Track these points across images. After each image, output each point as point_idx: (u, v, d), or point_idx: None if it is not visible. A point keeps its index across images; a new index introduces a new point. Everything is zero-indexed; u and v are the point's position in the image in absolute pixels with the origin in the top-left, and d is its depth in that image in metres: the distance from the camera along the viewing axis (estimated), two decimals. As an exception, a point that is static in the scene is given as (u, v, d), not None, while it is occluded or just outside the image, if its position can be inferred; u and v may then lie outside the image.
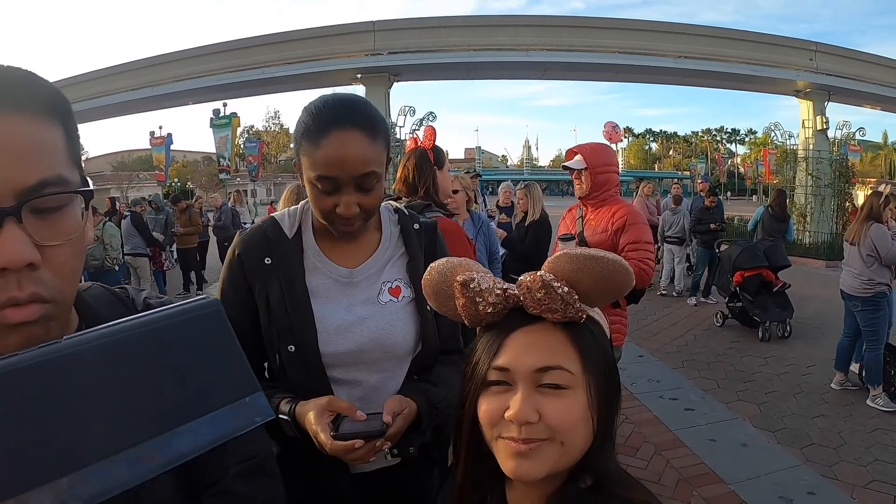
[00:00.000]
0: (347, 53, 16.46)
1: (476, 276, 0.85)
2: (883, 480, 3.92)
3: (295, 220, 1.50)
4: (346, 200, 1.32)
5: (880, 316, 5.15)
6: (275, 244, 1.45)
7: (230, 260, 1.49)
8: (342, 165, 1.29)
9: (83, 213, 0.71)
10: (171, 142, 22.05)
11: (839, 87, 16.91)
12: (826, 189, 16.08)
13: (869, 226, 5.11)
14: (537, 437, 0.78)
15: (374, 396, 1.45)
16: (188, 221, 11.10)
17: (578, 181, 3.54)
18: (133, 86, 17.81)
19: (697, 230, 9.51)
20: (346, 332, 1.41)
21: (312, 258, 1.46)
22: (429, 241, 1.57)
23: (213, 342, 0.63)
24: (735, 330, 7.75)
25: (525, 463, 0.79)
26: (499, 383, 0.82)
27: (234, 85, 17.39)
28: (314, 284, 1.44)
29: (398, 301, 1.47)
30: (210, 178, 40.99)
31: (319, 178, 1.31)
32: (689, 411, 5.09)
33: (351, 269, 1.46)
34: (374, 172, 1.33)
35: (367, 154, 1.31)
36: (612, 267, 0.80)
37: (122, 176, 47.95)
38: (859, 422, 4.84)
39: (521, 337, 0.82)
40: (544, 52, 16.42)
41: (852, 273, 5.26)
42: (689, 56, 16.60)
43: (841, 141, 17.45)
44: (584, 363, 0.81)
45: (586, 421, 0.80)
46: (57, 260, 0.67)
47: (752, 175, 49.77)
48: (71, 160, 0.71)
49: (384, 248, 1.51)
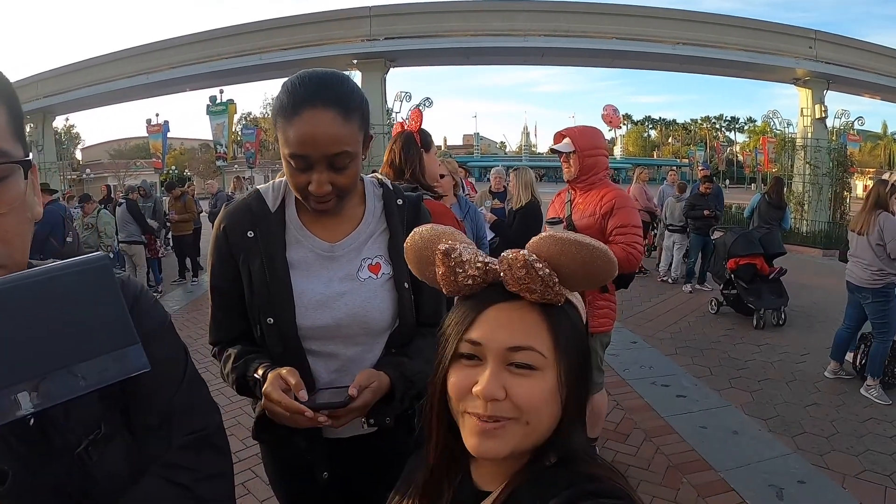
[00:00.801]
0: (344, 39, 16.37)
1: (459, 247, 0.84)
2: (874, 471, 3.90)
3: (279, 194, 1.51)
4: (318, 178, 1.34)
5: (891, 307, 5.01)
6: (258, 217, 1.47)
7: (216, 233, 1.52)
8: (313, 144, 1.30)
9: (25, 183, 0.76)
10: (167, 129, 22.00)
11: (838, 75, 16.83)
12: (824, 178, 16.07)
13: (878, 214, 4.95)
14: (503, 415, 0.78)
15: (351, 368, 1.47)
16: (183, 208, 11.03)
17: (567, 164, 3.52)
18: (129, 73, 17.82)
19: (691, 216, 9.46)
20: (324, 307, 1.44)
21: (294, 231, 1.48)
22: (412, 216, 1.57)
23: (97, 295, 0.66)
24: (729, 317, 7.74)
25: (488, 442, 0.79)
26: (470, 357, 0.82)
27: (231, 71, 17.33)
28: (295, 258, 1.46)
29: (377, 278, 1.49)
30: (207, 165, 40.95)
31: (292, 156, 1.33)
32: (681, 398, 5.07)
33: (332, 244, 1.48)
34: (346, 152, 1.34)
35: (340, 134, 1.32)
36: (596, 255, 0.79)
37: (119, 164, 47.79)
38: (852, 411, 4.82)
39: (497, 313, 0.82)
40: (542, 38, 16.36)
41: (861, 264, 5.08)
42: (688, 43, 16.53)
43: (840, 130, 17.42)
44: (557, 346, 0.80)
45: (553, 402, 0.80)
46: (1, 228, 0.71)
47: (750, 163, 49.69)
48: (14, 136, 0.75)
49: (366, 224, 1.52)
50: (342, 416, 1.33)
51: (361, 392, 1.32)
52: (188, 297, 9.77)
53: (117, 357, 0.65)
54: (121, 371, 0.65)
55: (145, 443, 0.88)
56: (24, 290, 0.61)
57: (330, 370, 1.48)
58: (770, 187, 9.54)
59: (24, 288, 0.61)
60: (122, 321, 0.67)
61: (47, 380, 0.59)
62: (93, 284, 0.66)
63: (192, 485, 0.88)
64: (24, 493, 0.69)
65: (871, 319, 5.16)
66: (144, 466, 0.87)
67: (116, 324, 0.67)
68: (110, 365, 0.64)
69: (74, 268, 0.65)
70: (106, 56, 18.51)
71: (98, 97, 18.89)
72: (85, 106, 20.67)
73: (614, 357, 5.82)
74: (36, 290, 0.62)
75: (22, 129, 0.78)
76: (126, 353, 0.66)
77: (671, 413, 4.75)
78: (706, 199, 9.44)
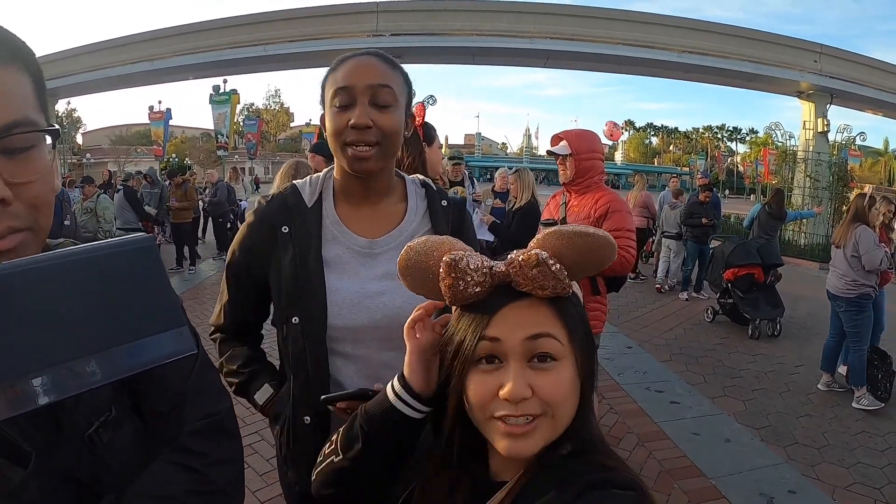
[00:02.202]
0: (350, 34, 16.35)
1: (464, 255, 0.85)
2: (864, 483, 3.92)
3: (316, 188, 1.47)
4: (360, 111, 1.31)
5: (864, 317, 5.17)
6: (293, 212, 1.43)
7: (248, 224, 1.48)
8: (359, 74, 1.33)
9: (52, 153, 0.77)
10: (169, 117, 22.04)
11: (842, 90, 16.87)
12: (824, 192, 16.08)
13: (855, 227, 5.13)
14: (532, 412, 0.79)
15: (384, 376, 1.40)
16: (183, 196, 11.00)
17: (563, 167, 3.58)
18: (133, 59, 17.81)
19: (688, 223, 9.47)
20: (359, 307, 1.38)
21: (331, 227, 1.43)
22: (457, 218, 1.54)
23: (143, 275, 0.66)
24: (725, 326, 7.74)
25: (520, 443, 0.80)
26: (489, 361, 0.82)
27: (235, 61, 17.32)
28: (330, 255, 1.41)
29: None
30: (208, 154, 40.79)
31: (337, 93, 1.33)
32: (675, 404, 5.08)
33: (370, 240, 1.43)
34: (390, 88, 1.34)
35: (385, 71, 1.36)
36: (599, 242, 0.83)
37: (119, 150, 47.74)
38: (844, 423, 4.84)
39: (510, 312, 0.83)
40: (547, 41, 16.38)
41: (837, 273, 5.29)
42: (694, 51, 16.55)
43: (841, 145, 17.45)
44: (570, 334, 0.83)
45: (574, 392, 0.83)
46: (29, 194, 0.72)
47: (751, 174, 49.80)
48: (39, 105, 0.75)
49: (409, 222, 1.48)
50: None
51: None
52: (185, 285, 9.75)
53: (166, 339, 0.66)
54: (169, 353, 0.66)
55: (156, 427, 0.88)
56: (65, 268, 0.61)
57: (361, 374, 1.41)
58: (771, 198, 9.56)
59: (65, 266, 0.61)
60: (169, 302, 0.68)
61: (75, 365, 0.59)
62: (138, 265, 0.66)
63: (204, 469, 0.88)
64: (37, 476, 0.69)
65: (845, 328, 5.29)
66: (155, 450, 0.87)
67: (162, 306, 0.67)
68: (158, 346, 0.65)
69: (119, 248, 0.65)
70: (110, 41, 18.49)
71: (101, 82, 18.85)
72: (88, 90, 20.64)
73: (609, 361, 5.83)
74: (78, 268, 0.61)
75: (45, 101, 0.79)
76: (174, 335, 0.66)
77: (664, 419, 4.75)
78: (705, 208, 9.44)
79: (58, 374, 0.57)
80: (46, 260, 0.60)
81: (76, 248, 0.63)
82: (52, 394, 0.57)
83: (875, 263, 4.96)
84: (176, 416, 0.90)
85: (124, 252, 0.65)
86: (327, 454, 1.04)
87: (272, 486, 3.53)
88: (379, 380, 1.37)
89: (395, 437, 0.98)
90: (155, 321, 0.65)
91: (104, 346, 0.60)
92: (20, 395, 0.56)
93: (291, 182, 1.51)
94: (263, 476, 3.69)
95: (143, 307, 0.65)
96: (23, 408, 0.56)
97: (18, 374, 0.56)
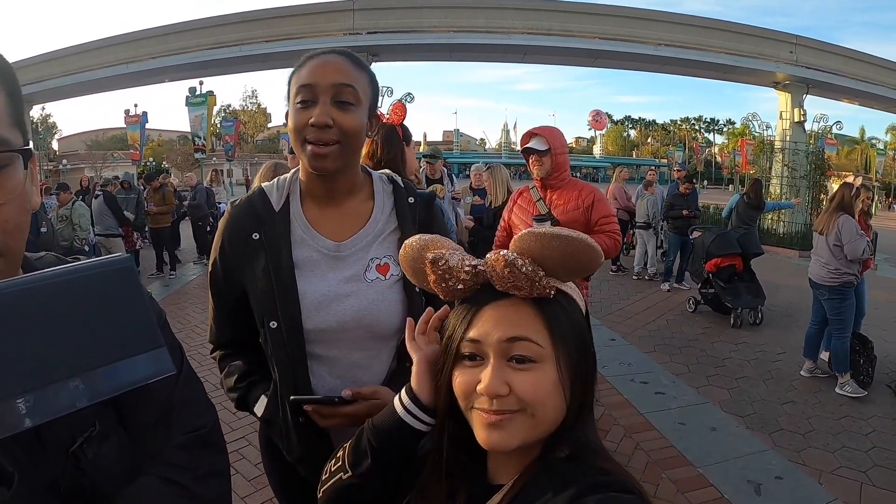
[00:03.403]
0: (326, 32, 16.23)
1: (445, 254, 0.88)
2: (850, 467, 3.96)
3: (283, 191, 1.46)
4: (321, 110, 1.30)
5: (846, 305, 5.22)
6: (262, 218, 1.42)
7: (220, 235, 1.47)
8: (322, 72, 1.32)
9: (25, 173, 0.74)
10: (146, 120, 21.79)
11: (818, 80, 17.02)
12: (801, 180, 16.24)
13: (838, 216, 5.16)
14: (508, 408, 0.81)
15: (356, 375, 1.43)
16: (161, 200, 10.87)
17: (539, 163, 3.61)
18: (109, 62, 17.54)
19: (670, 216, 9.55)
20: (328, 309, 1.39)
21: (300, 230, 1.43)
22: (425, 214, 1.52)
23: (122, 297, 0.66)
24: (707, 316, 7.81)
25: (497, 433, 0.81)
26: (472, 357, 0.85)
27: (211, 62, 17.14)
28: (300, 258, 1.41)
29: (385, 279, 1.43)
30: (185, 157, 40.39)
31: (299, 90, 1.33)
32: (660, 395, 5.11)
33: (338, 243, 1.43)
34: (352, 87, 1.33)
35: (348, 69, 1.35)
36: (577, 246, 0.82)
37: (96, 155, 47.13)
38: (828, 409, 4.89)
39: (492, 311, 0.85)
40: (524, 36, 16.34)
41: (820, 262, 5.32)
42: (670, 44, 16.60)
43: (818, 134, 17.65)
44: (553, 337, 0.83)
45: (557, 394, 0.82)
46: (1, 217, 0.69)
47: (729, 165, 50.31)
48: (12, 122, 0.73)
49: (375, 222, 1.47)
50: (328, 415, 1.32)
51: (357, 400, 1.30)
52: (166, 290, 9.65)
53: (143, 361, 0.65)
54: (147, 375, 0.66)
55: (141, 441, 0.87)
56: (44, 290, 0.60)
57: (333, 375, 1.43)
58: (749, 187, 9.64)
59: (44, 288, 0.60)
60: (147, 323, 0.67)
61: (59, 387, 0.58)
62: (116, 286, 0.65)
63: (191, 484, 0.87)
64: (21, 495, 0.67)
65: (828, 316, 5.34)
66: (140, 465, 0.85)
67: (141, 327, 0.67)
68: (136, 368, 0.64)
69: (97, 269, 0.65)
70: (85, 45, 18.20)
71: (76, 86, 18.57)
72: (63, 95, 20.33)
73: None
74: (57, 290, 0.61)
75: (22, 116, 0.77)
76: (151, 357, 0.66)
77: (650, 410, 4.78)
78: (685, 199, 9.52)
79: (42, 396, 0.57)
80: (24, 283, 0.60)
81: (54, 271, 0.62)
82: (37, 416, 0.57)
83: (857, 253, 5.00)
84: (162, 428, 0.89)
85: (102, 273, 0.65)
86: (333, 471, 1.04)
87: (262, 490, 3.51)
88: (352, 381, 1.39)
89: (404, 450, 0.98)
90: (133, 343, 0.65)
91: (87, 368, 0.60)
92: (5, 418, 0.55)
93: (259, 186, 1.50)
94: (252, 481, 3.66)
95: (122, 329, 0.64)
96: (8, 431, 0.55)
97: (2, 398, 0.55)
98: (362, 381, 1.39)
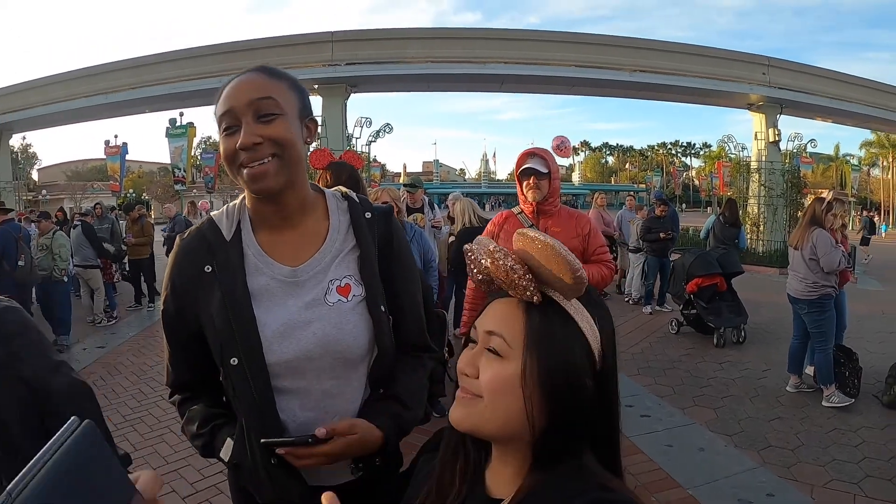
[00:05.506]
0: (305, 63, 16.28)
1: (475, 247, 0.93)
2: (841, 479, 3.94)
3: (233, 219, 1.38)
4: (245, 131, 1.25)
5: (826, 317, 5.27)
6: (214, 249, 1.34)
7: (169, 270, 1.39)
8: (236, 93, 1.27)
9: None
10: (126, 151, 21.61)
11: (791, 100, 17.36)
12: (778, 199, 16.52)
13: (812, 230, 5.24)
14: (471, 389, 0.87)
15: (329, 405, 1.35)
16: (140, 231, 10.73)
17: (537, 186, 3.29)
18: (89, 92, 17.49)
19: (647, 239, 9.59)
20: (289, 338, 1.30)
21: (254, 259, 1.35)
22: (383, 229, 1.45)
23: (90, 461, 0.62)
24: (690, 337, 7.81)
25: (457, 409, 0.88)
26: (474, 342, 0.91)
27: (191, 94, 17.08)
28: (256, 287, 1.33)
29: (347, 301, 1.35)
30: (166, 189, 40.19)
31: (222, 119, 1.28)
32: (646, 417, 5.07)
33: (294, 268, 1.35)
34: (272, 99, 1.27)
35: (265, 83, 1.29)
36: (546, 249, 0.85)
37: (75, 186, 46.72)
38: (816, 423, 4.89)
39: (494, 305, 0.91)
40: (501, 65, 16.47)
41: (798, 277, 5.38)
42: (645, 70, 16.82)
43: (793, 153, 17.94)
44: (525, 339, 0.84)
45: (511, 393, 0.83)
46: None
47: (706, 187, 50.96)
48: None
49: (332, 241, 1.39)
50: (303, 456, 1.24)
51: (333, 437, 1.23)
52: (144, 322, 9.51)
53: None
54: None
55: None
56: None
57: (304, 408, 1.33)
58: (724, 207, 9.76)
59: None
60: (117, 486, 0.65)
61: None
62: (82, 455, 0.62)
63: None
64: None
65: (809, 329, 5.38)
66: None
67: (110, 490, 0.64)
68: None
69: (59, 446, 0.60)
70: (66, 74, 18.16)
71: (56, 115, 18.47)
72: (43, 124, 20.23)
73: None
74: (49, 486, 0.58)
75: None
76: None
77: (636, 433, 4.72)
78: (662, 222, 9.56)
79: None
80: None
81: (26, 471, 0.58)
82: None
83: (833, 265, 5.06)
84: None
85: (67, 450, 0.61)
86: None
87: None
88: (326, 412, 1.33)
89: None
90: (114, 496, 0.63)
91: None
92: None
93: (208, 216, 1.43)
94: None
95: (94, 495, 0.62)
96: None
97: None
98: (336, 412, 1.33)
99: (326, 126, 15.81)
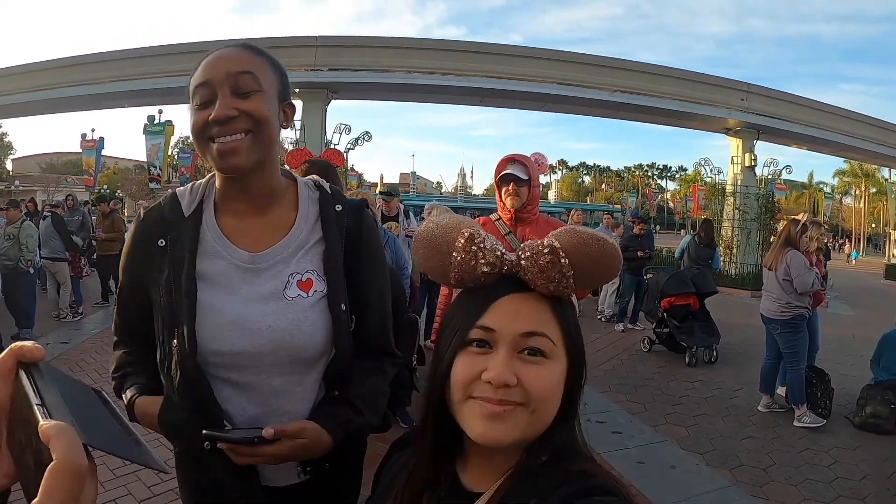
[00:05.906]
0: (287, 66, 15.29)
1: (483, 233, 0.86)
2: (813, 499, 3.95)
3: (196, 196, 1.31)
4: (221, 103, 1.18)
5: (799, 338, 5.31)
6: (170, 223, 1.28)
7: (128, 242, 1.33)
8: (215, 65, 1.21)
9: None
10: (102, 146, 21.36)
11: (768, 126, 17.70)
12: (752, 223, 16.78)
13: (786, 252, 5.29)
14: (512, 399, 0.78)
15: (278, 404, 1.27)
16: (111, 226, 10.45)
17: (516, 193, 3.21)
18: (70, 83, 17.19)
19: (625, 256, 9.59)
20: (242, 330, 1.23)
21: (211, 240, 1.28)
22: (353, 224, 1.37)
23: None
24: (662, 355, 7.82)
25: (496, 426, 0.78)
26: (480, 345, 0.82)
27: (171, 90, 16.82)
28: (209, 271, 1.25)
29: (308, 297, 1.27)
30: (140, 186, 39.61)
31: (196, 91, 1.21)
32: (617, 434, 5.03)
33: (253, 254, 1.27)
34: (251, 74, 1.21)
35: (245, 57, 1.23)
36: (611, 252, 0.84)
37: (49, 178, 45.92)
38: (787, 442, 4.90)
39: (510, 302, 0.83)
40: (483, 79, 16.50)
41: (771, 297, 5.43)
42: (625, 90, 16.97)
43: (768, 179, 18.25)
44: (564, 336, 0.83)
45: (558, 393, 0.81)
46: None
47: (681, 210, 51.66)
48: None
49: (298, 231, 1.31)
50: (246, 455, 1.16)
51: (280, 439, 1.15)
52: (109, 320, 9.19)
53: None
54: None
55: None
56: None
57: (252, 403, 1.26)
58: (700, 228, 9.86)
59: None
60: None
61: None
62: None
63: None
64: None
65: (782, 350, 5.43)
66: None
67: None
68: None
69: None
70: (47, 62, 17.86)
71: (33, 105, 18.08)
72: (21, 112, 19.79)
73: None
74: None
75: None
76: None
77: (607, 449, 4.65)
78: (639, 241, 9.60)
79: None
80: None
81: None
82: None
83: (807, 286, 5.11)
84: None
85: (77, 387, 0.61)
86: None
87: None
88: (273, 410, 1.25)
89: None
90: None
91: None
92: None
93: (172, 191, 1.36)
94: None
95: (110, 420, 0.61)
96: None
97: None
98: (285, 411, 1.25)
99: (305, 131, 15.72)
